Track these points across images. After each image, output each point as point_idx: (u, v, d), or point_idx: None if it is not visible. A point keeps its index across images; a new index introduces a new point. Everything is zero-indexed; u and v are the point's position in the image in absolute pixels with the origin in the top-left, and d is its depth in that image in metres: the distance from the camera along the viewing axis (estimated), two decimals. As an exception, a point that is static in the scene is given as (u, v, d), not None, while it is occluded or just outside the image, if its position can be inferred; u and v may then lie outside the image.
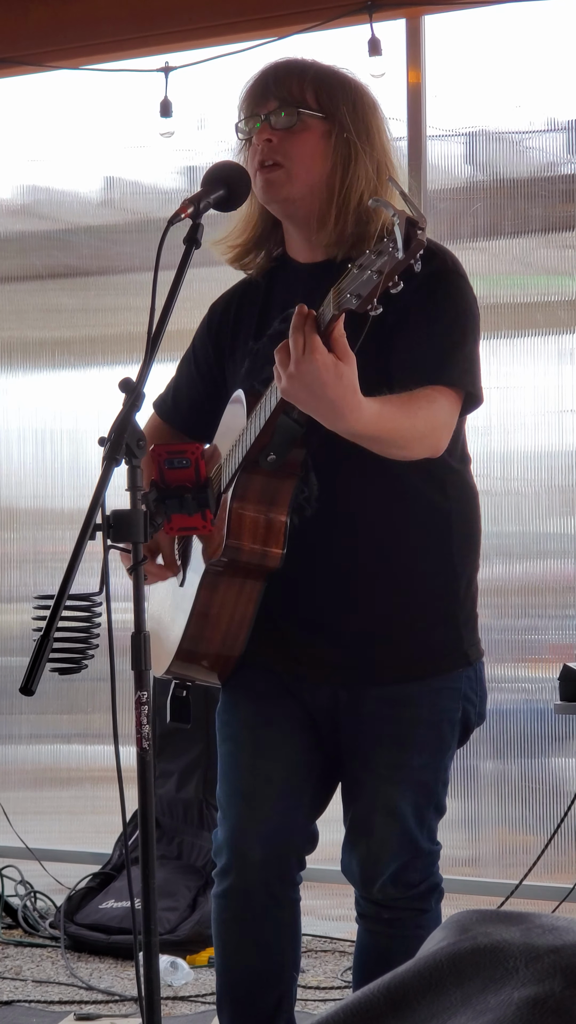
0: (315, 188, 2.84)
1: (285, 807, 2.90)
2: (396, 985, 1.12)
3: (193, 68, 5.16)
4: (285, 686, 2.89)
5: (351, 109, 2.87)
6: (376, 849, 2.88)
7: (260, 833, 2.89)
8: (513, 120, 4.95)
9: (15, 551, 5.68)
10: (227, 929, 2.97)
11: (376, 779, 2.86)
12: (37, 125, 5.60)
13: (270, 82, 2.87)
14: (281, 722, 2.90)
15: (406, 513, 2.84)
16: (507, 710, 4.85)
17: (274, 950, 2.97)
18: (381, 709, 2.84)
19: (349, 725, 2.87)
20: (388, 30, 4.87)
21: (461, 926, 1.17)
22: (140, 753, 2.44)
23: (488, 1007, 1.04)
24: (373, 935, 2.97)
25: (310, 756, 2.91)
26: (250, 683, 2.90)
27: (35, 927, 5.03)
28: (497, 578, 4.88)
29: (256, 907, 2.93)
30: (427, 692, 2.86)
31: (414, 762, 2.86)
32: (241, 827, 2.90)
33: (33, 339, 5.70)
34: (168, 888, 4.78)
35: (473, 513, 2.94)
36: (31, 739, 5.62)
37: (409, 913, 2.92)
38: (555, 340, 4.85)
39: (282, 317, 2.89)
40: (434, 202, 4.93)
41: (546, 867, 4.43)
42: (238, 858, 2.91)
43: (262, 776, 2.90)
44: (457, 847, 4.89)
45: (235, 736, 2.93)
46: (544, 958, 1.07)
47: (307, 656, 2.86)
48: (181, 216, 2.65)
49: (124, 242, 5.54)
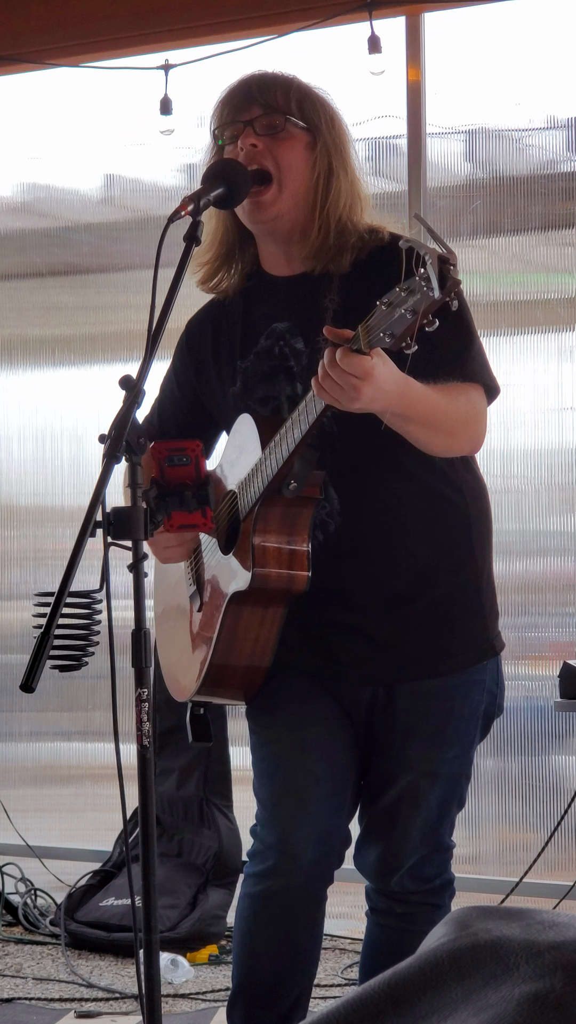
0: (299, 199, 2.85)
1: (333, 807, 2.91)
2: (397, 981, 1.12)
3: (193, 66, 5.16)
4: (323, 686, 2.89)
5: (329, 122, 2.89)
6: (399, 841, 2.89)
7: (313, 835, 2.89)
8: (513, 118, 4.95)
9: (15, 549, 5.68)
10: (260, 929, 2.96)
11: (409, 772, 2.87)
12: (37, 123, 5.60)
13: (254, 89, 2.87)
14: (323, 722, 2.90)
15: (427, 514, 2.86)
16: (507, 707, 4.79)
17: (304, 950, 2.98)
18: (416, 704, 2.86)
19: (383, 722, 2.88)
20: (388, 27, 4.87)
21: (462, 922, 1.17)
22: (140, 751, 2.44)
23: (489, 1003, 1.04)
24: (384, 930, 2.98)
25: (349, 756, 2.92)
26: (287, 686, 2.90)
27: (35, 925, 5.03)
28: (497, 575, 4.80)
29: (297, 908, 2.94)
30: (459, 685, 2.88)
31: (448, 755, 2.88)
32: (294, 829, 2.89)
33: (33, 337, 5.70)
34: (168, 886, 4.78)
35: (487, 508, 2.99)
36: (31, 737, 5.62)
37: (423, 908, 2.94)
38: (555, 338, 4.84)
39: (267, 334, 2.90)
40: (434, 199, 4.92)
41: (546, 864, 4.43)
42: (289, 859, 2.90)
43: (311, 777, 2.89)
44: (458, 844, 4.87)
45: (279, 738, 2.92)
46: (545, 954, 1.07)
47: (346, 656, 2.87)
48: (181, 214, 2.66)
49: (124, 240, 5.54)
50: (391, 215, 2.96)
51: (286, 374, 2.87)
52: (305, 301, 2.86)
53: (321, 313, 2.82)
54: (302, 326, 2.85)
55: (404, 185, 4.88)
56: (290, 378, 2.86)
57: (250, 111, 2.84)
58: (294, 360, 2.86)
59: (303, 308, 2.86)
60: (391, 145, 5.01)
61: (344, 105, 3.00)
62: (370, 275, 2.77)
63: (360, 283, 2.80)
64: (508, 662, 4.90)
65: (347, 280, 2.84)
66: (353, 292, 2.81)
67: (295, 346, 2.86)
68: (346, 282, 2.84)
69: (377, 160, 5.07)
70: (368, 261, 2.83)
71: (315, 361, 2.64)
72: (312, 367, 2.66)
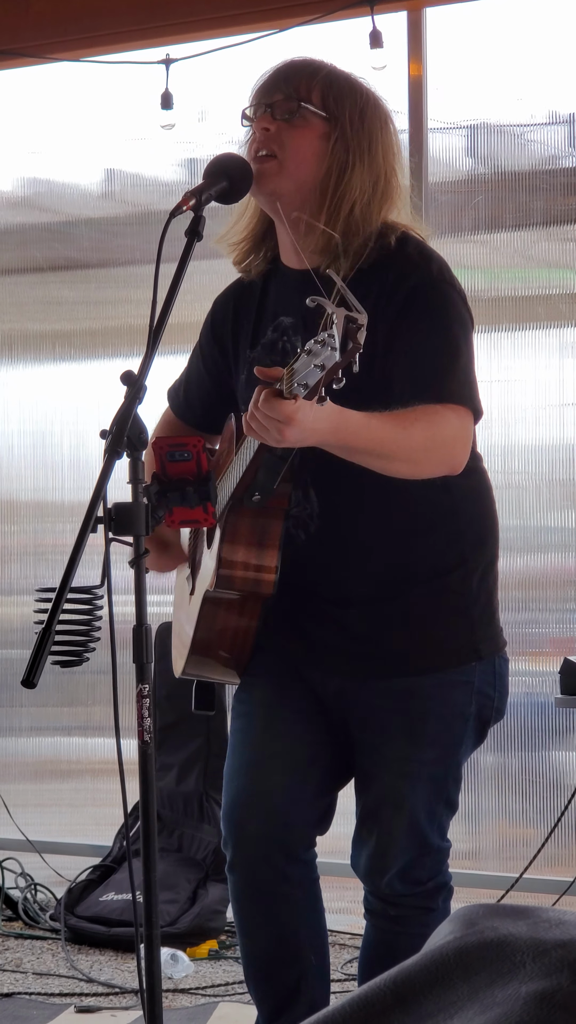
0: (304, 186, 2.82)
1: (290, 783, 2.90)
2: (403, 979, 1.12)
3: (194, 60, 5.15)
4: (299, 673, 2.91)
5: (357, 116, 2.85)
6: (384, 843, 2.88)
7: (260, 806, 2.89)
8: (514, 113, 4.94)
9: (15, 544, 5.68)
10: (238, 903, 2.97)
11: (386, 772, 2.87)
12: (38, 117, 5.59)
13: (281, 76, 2.87)
14: (295, 703, 2.91)
15: (410, 518, 2.85)
16: (508, 703, 4.84)
17: (287, 928, 2.96)
18: (389, 702, 2.85)
19: (357, 718, 2.88)
20: (389, 22, 4.87)
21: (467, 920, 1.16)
22: (142, 746, 2.44)
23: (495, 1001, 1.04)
24: (379, 932, 2.98)
25: (320, 739, 2.92)
26: (267, 666, 2.92)
27: (35, 919, 5.03)
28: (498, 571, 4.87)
29: (262, 882, 2.92)
30: (437, 685, 2.86)
31: (425, 756, 2.86)
32: (241, 800, 2.91)
33: (33, 332, 5.69)
34: (168, 881, 4.78)
35: (486, 511, 2.96)
36: (32, 732, 5.62)
37: (415, 911, 2.92)
38: (556, 333, 4.84)
39: (274, 326, 2.90)
40: (435, 195, 4.92)
41: (546, 860, 4.43)
42: (237, 829, 2.90)
43: (270, 751, 2.91)
44: (457, 840, 4.86)
45: (249, 713, 2.95)
46: (551, 952, 1.07)
47: (320, 646, 2.88)
48: (183, 208, 2.66)
49: (125, 234, 5.54)
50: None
51: None
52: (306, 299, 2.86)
53: (317, 318, 2.82)
54: (305, 325, 2.82)
55: (405, 180, 4.87)
56: None
57: (272, 96, 2.85)
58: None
59: (307, 308, 2.85)
60: (392, 140, 5.00)
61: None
62: (367, 284, 2.73)
63: (357, 291, 2.73)
64: (509, 658, 4.93)
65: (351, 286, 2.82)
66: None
67: (296, 344, 2.84)
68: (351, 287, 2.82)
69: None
70: (369, 269, 2.80)
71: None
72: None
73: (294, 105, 2.82)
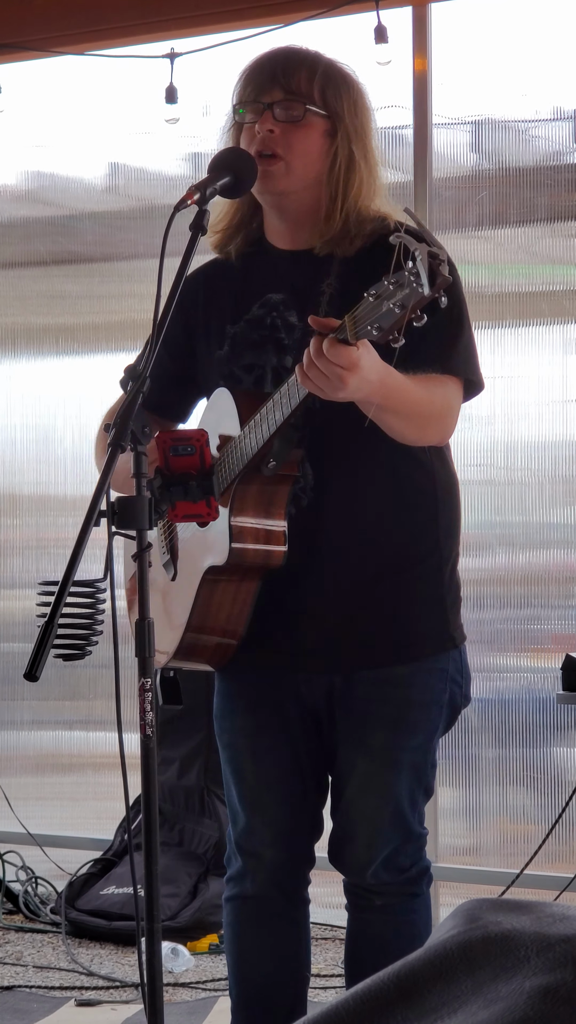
0: (310, 184, 2.86)
1: (290, 810, 2.94)
2: (406, 973, 1.12)
3: (198, 54, 5.14)
4: (279, 689, 2.91)
5: (352, 109, 2.89)
6: (370, 833, 2.90)
7: (272, 836, 2.94)
8: (519, 109, 4.94)
9: (18, 537, 5.68)
10: (243, 933, 3.00)
11: (372, 762, 2.88)
12: (42, 111, 5.58)
13: (278, 71, 2.86)
14: (275, 727, 2.93)
15: (398, 501, 2.88)
16: (509, 699, 4.84)
17: (290, 952, 3.02)
18: (374, 691, 2.87)
19: (345, 711, 2.89)
20: (394, 17, 4.86)
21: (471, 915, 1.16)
22: (144, 740, 2.44)
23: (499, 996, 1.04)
24: (365, 923, 2.99)
25: (305, 757, 2.94)
26: (243, 692, 2.95)
27: (36, 913, 5.04)
28: (500, 568, 4.88)
29: (272, 909, 2.98)
30: (418, 673, 2.89)
31: (410, 743, 2.89)
32: (253, 832, 2.94)
33: (36, 325, 5.69)
34: (169, 875, 4.79)
35: (456, 500, 2.99)
36: (33, 725, 5.62)
37: (401, 898, 2.94)
38: (560, 330, 4.84)
39: (261, 303, 2.90)
40: (439, 190, 4.91)
41: (547, 856, 4.43)
42: (252, 860, 2.95)
43: (265, 783, 2.94)
44: (458, 836, 4.89)
45: (234, 743, 2.98)
46: (556, 947, 1.07)
47: (300, 647, 2.88)
48: (187, 202, 2.66)
49: (128, 228, 5.53)
50: (399, 203, 2.97)
51: (275, 345, 2.87)
52: (304, 278, 2.87)
53: (318, 296, 2.84)
54: (298, 302, 2.86)
55: (410, 175, 4.87)
56: (279, 349, 2.87)
57: (272, 93, 2.84)
58: (285, 332, 2.87)
59: (302, 285, 2.87)
60: (397, 135, 4.99)
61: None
62: (369, 263, 2.76)
63: (359, 271, 2.80)
64: (510, 654, 4.95)
65: (347, 265, 2.85)
66: (351, 279, 2.81)
67: (288, 319, 2.87)
68: (346, 267, 2.85)
69: (383, 150, 5.04)
70: (371, 249, 2.83)
71: (308, 339, 2.66)
72: (304, 343, 2.68)
73: (299, 109, 2.83)
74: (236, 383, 2.87)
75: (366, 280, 2.48)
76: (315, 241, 2.87)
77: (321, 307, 2.81)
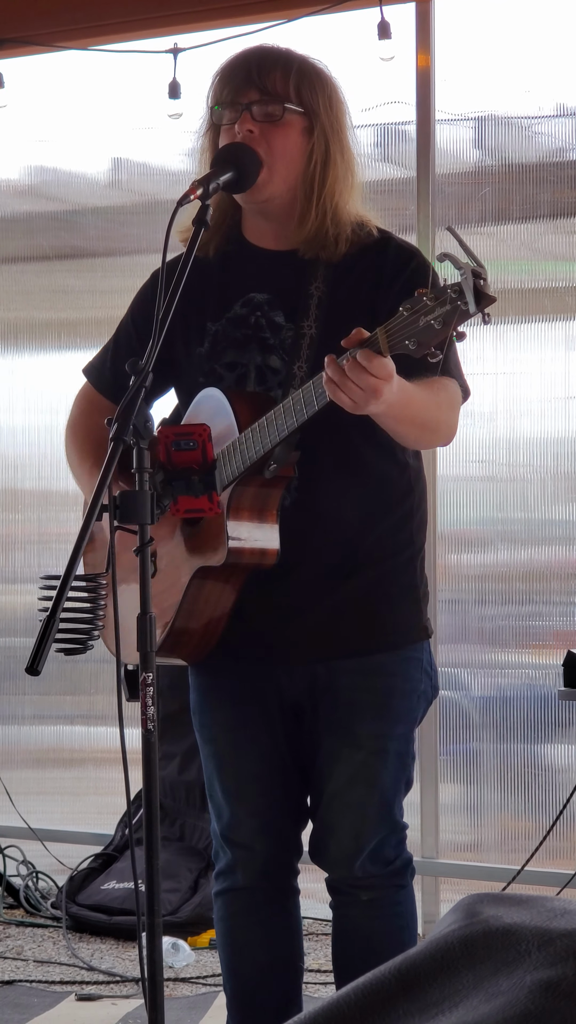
0: (293, 185, 2.86)
1: (274, 800, 2.95)
2: (408, 967, 1.12)
3: (202, 50, 5.14)
4: (260, 682, 2.92)
5: (327, 104, 2.89)
6: (357, 824, 2.90)
7: (260, 827, 2.95)
8: (522, 105, 4.93)
9: (20, 532, 5.67)
10: (237, 926, 3.01)
11: (357, 751, 2.88)
12: (45, 106, 5.58)
13: (253, 71, 2.85)
14: (256, 721, 2.93)
15: (378, 497, 2.90)
16: (510, 696, 4.85)
17: (284, 941, 3.02)
18: (359, 680, 2.88)
19: (330, 701, 2.90)
20: (398, 13, 4.85)
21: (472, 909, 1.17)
22: (145, 734, 2.45)
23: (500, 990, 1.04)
24: (352, 919, 2.98)
25: (286, 750, 2.94)
26: (223, 686, 2.96)
27: (37, 907, 5.04)
28: (502, 564, 4.88)
29: (263, 900, 2.99)
30: (399, 662, 2.92)
31: (395, 731, 2.91)
32: (241, 824, 2.95)
33: (39, 320, 5.69)
34: (170, 870, 4.79)
35: (426, 494, 3.03)
36: (35, 720, 5.62)
37: (388, 891, 2.95)
38: (562, 326, 4.84)
39: (243, 302, 2.90)
40: (442, 186, 4.91)
41: (548, 853, 4.43)
42: (243, 852, 2.96)
43: (249, 775, 2.95)
44: (459, 832, 4.89)
45: (215, 738, 2.98)
46: (557, 941, 1.07)
47: (283, 639, 2.89)
48: (191, 198, 2.66)
49: (131, 224, 5.53)
50: (401, 200, 2.98)
51: (259, 344, 2.88)
52: (290, 280, 2.88)
53: (307, 300, 2.84)
54: (285, 303, 2.87)
55: (413, 171, 4.87)
56: (264, 349, 2.87)
57: (248, 94, 2.84)
58: (270, 332, 2.87)
59: (288, 287, 2.87)
60: (400, 131, 4.99)
61: (353, 90, 2.99)
62: (358, 271, 2.83)
63: (348, 277, 2.84)
64: (512, 650, 4.95)
65: (334, 271, 2.86)
66: (339, 285, 2.85)
67: (274, 319, 2.87)
68: (333, 272, 2.86)
69: (386, 146, 5.06)
70: (357, 256, 2.86)
71: (299, 341, 2.72)
72: (295, 346, 2.73)
73: (277, 108, 2.83)
74: (217, 380, 2.88)
75: (356, 288, 2.56)
76: (298, 242, 2.88)
77: (311, 311, 2.83)
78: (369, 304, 2.81)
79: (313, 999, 4.02)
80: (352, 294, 2.84)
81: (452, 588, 4.90)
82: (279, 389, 2.82)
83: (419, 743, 4.78)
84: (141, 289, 3.11)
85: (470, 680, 4.92)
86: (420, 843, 4.67)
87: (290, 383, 2.79)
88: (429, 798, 4.73)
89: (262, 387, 2.85)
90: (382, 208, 3.06)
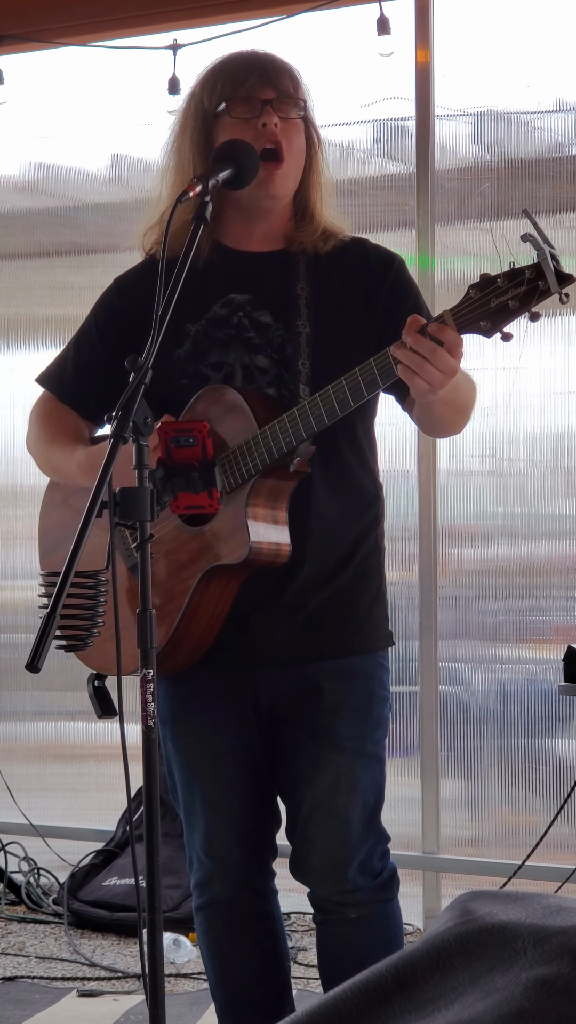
0: (297, 183, 2.92)
1: (250, 808, 2.93)
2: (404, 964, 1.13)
3: (201, 46, 5.14)
4: (236, 688, 2.90)
5: (313, 114, 2.95)
6: (341, 832, 2.86)
7: (236, 835, 2.92)
8: (522, 100, 4.93)
9: (20, 528, 5.68)
10: (221, 939, 2.98)
11: (340, 753, 2.86)
12: (45, 102, 5.58)
13: (268, 71, 2.88)
14: (234, 727, 2.91)
15: (353, 500, 2.92)
16: (511, 691, 4.85)
17: (269, 945, 3.00)
18: (341, 683, 2.88)
19: (309, 703, 2.88)
20: (397, 9, 4.86)
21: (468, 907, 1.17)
22: (146, 731, 2.45)
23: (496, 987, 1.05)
24: (341, 937, 2.93)
25: (262, 754, 2.93)
26: (199, 693, 2.93)
27: (38, 903, 5.05)
28: (502, 559, 4.88)
29: (245, 909, 2.96)
30: (373, 666, 2.93)
31: (375, 735, 2.90)
32: (218, 834, 2.93)
33: (39, 316, 5.69)
34: (171, 866, 4.79)
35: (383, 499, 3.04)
36: (36, 716, 5.63)
37: (376, 906, 2.91)
38: (562, 321, 4.84)
39: (223, 303, 2.91)
40: (442, 182, 4.91)
41: (549, 848, 4.44)
42: (220, 863, 2.93)
43: (226, 783, 2.92)
44: (460, 827, 4.90)
45: (191, 745, 2.95)
46: (552, 939, 1.07)
47: (266, 642, 2.88)
48: (189, 194, 2.66)
49: (131, 220, 5.49)
50: (401, 196, 3.03)
51: (243, 344, 2.88)
52: (273, 280, 2.90)
53: (295, 299, 2.86)
54: (271, 303, 2.88)
55: (412, 167, 4.87)
56: (249, 348, 2.87)
57: (266, 91, 2.86)
58: (255, 332, 2.88)
59: (272, 287, 2.89)
60: (399, 127, 4.99)
61: (352, 86, 3.01)
62: (342, 269, 2.88)
63: (332, 276, 2.88)
64: (512, 645, 4.95)
65: (313, 269, 2.89)
66: (321, 283, 2.88)
67: (258, 319, 2.88)
68: (312, 271, 2.89)
69: (385, 142, 5.06)
70: (337, 256, 2.90)
71: (293, 340, 2.74)
72: (287, 345, 2.75)
73: (293, 108, 2.88)
74: (203, 381, 2.87)
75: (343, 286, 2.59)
76: (285, 242, 2.92)
77: (301, 310, 2.84)
78: (363, 300, 2.85)
79: (311, 994, 4.02)
80: (340, 292, 2.87)
81: (453, 583, 4.91)
82: (270, 388, 2.83)
83: (420, 738, 4.82)
84: (103, 296, 3.09)
85: (471, 675, 4.92)
86: (421, 838, 4.67)
87: (296, 381, 2.80)
88: (430, 793, 4.73)
89: (251, 386, 2.85)
90: (381, 204, 3.08)
